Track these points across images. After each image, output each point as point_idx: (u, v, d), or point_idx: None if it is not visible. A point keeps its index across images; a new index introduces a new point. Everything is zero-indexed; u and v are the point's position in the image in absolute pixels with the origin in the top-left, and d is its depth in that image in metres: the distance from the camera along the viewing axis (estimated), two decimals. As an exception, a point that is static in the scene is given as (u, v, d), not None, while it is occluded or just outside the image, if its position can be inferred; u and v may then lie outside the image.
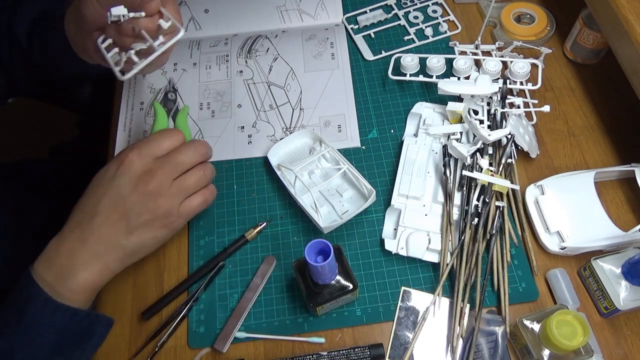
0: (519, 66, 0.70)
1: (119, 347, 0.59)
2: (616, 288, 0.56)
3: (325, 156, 0.69)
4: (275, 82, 0.78)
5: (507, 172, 0.66)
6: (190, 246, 0.65)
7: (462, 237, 0.61)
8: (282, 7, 0.86)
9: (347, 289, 0.55)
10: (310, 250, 0.51)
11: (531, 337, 0.53)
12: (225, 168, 0.71)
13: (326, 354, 0.56)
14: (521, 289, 0.60)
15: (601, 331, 0.58)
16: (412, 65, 0.74)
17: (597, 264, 0.58)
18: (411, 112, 0.72)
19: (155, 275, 0.64)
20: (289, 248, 0.65)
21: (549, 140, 0.71)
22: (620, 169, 0.66)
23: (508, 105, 0.68)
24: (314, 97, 0.76)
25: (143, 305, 0.61)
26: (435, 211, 0.64)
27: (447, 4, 0.86)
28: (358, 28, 0.84)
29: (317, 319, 0.60)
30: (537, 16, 0.81)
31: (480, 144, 0.64)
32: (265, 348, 0.59)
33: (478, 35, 0.78)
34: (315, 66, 0.79)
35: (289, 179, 0.67)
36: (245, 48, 0.82)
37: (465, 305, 0.58)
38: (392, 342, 0.58)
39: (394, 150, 0.71)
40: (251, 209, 0.68)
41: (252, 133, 0.74)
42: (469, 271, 0.59)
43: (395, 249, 0.62)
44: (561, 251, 0.61)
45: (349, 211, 0.65)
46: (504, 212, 0.63)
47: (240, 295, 0.61)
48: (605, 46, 0.73)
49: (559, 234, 0.61)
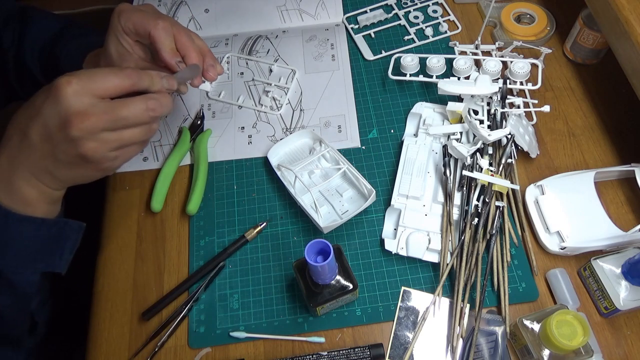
0: (519, 66, 0.70)
1: (119, 347, 0.59)
2: (616, 288, 0.56)
3: (325, 156, 0.69)
4: (275, 83, 0.78)
5: (507, 172, 0.66)
6: (190, 246, 0.65)
7: (462, 237, 0.61)
8: (282, 7, 0.86)
9: (347, 289, 0.55)
10: (310, 250, 0.51)
11: (531, 337, 0.53)
12: (225, 168, 0.71)
13: (326, 354, 0.56)
14: (521, 289, 0.60)
15: (601, 331, 0.58)
16: (412, 65, 0.74)
17: (597, 264, 0.58)
18: (411, 112, 0.72)
19: (155, 275, 0.64)
20: (289, 248, 0.65)
21: (549, 140, 0.71)
22: (620, 169, 0.65)
23: (508, 105, 0.68)
24: (314, 98, 0.76)
25: (143, 305, 0.62)
26: (435, 211, 0.64)
27: (447, 4, 0.86)
28: (358, 28, 0.84)
29: (317, 319, 0.60)
30: (537, 16, 0.81)
31: (480, 144, 0.64)
32: (265, 348, 0.59)
33: (478, 35, 0.78)
34: (315, 68, 0.79)
35: (289, 179, 0.67)
36: (246, 49, 0.82)
37: (465, 305, 0.58)
38: (392, 342, 0.58)
39: (394, 150, 0.71)
40: (251, 209, 0.68)
41: (252, 133, 0.74)
42: (469, 271, 0.59)
43: (395, 249, 0.62)
44: (561, 251, 0.61)
45: (348, 211, 0.65)
46: (504, 212, 0.63)
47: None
48: (605, 46, 0.73)
49: (559, 234, 0.61)
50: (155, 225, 0.67)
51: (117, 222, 0.68)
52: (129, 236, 0.66)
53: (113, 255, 0.65)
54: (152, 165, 0.72)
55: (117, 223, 0.67)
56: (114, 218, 0.68)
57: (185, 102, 0.77)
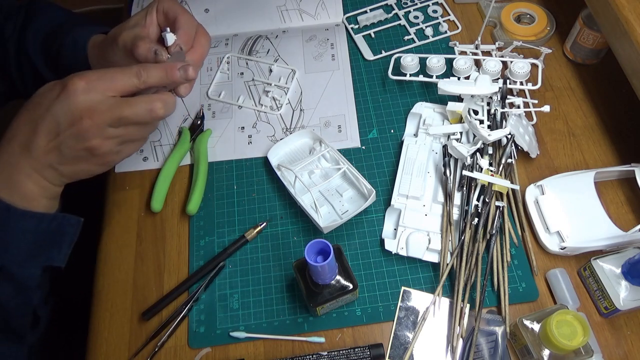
0: (519, 66, 0.70)
1: (119, 347, 0.59)
2: (616, 288, 0.56)
3: (325, 156, 0.69)
4: (275, 83, 0.78)
5: (507, 172, 0.66)
6: (190, 246, 0.65)
7: (462, 237, 0.61)
8: (282, 7, 0.86)
9: (347, 289, 0.55)
10: (310, 250, 0.51)
11: (531, 337, 0.53)
12: (225, 168, 0.71)
13: (326, 354, 0.56)
14: (521, 289, 0.60)
15: (601, 331, 0.58)
16: (412, 65, 0.74)
17: (597, 264, 0.58)
18: (411, 112, 0.72)
19: (155, 275, 0.64)
20: (289, 248, 0.65)
21: (549, 140, 0.71)
22: (620, 169, 0.66)
23: (508, 105, 0.68)
24: (314, 98, 0.76)
25: (143, 305, 0.62)
26: (435, 211, 0.64)
27: (447, 4, 0.86)
28: (358, 28, 0.84)
29: (317, 319, 0.60)
30: (537, 16, 0.81)
31: (480, 144, 0.64)
32: (265, 348, 0.59)
33: (478, 35, 0.78)
34: (315, 68, 0.79)
35: (289, 179, 0.67)
36: (246, 49, 0.82)
37: (465, 305, 0.58)
38: (392, 342, 0.58)
39: (394, 150, 0.71)
40: (251, 209, 0.68)
41: (252, 133, 0.74)
42: (469, 271, 0.59)
43: (395, 249, 0.62)
44: (561, 251, 0.61)
45: (348, 211, 0.65)
46: (504, 212, 0.63)
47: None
48: (605, 46, 0.73)
49: (559, 234, 0.61)
50: (155, 225, 0.67)
51: (117, 222, 0.68)
52: (129, 236, 0.66)
53: (113, 255, 0.65)
54: (152, 165, 0.72)
55: (117, 223, 0.68)
56: (114, 218, 0.68)
57: (185, 102, 0.77)
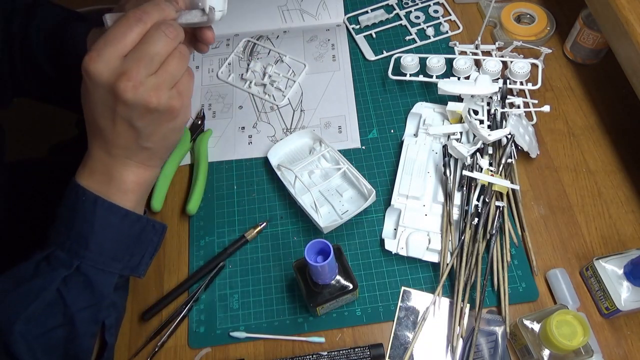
0: (519, 66, 0.70)
1: (119, 347, 0.59)
2: (618, 289, 0.56)
3: (325, 156, 0.69)
4: (276, 83, 0.78)
5: (507, 172, 0.66)
6: (190, 246, 0.65)
7: (462, 237, 0.61)
8: (283, 7, 0.86)
9: (347, 289, 0.55)
10: (310, 250, 0.51)
11: (531, 337, 0.53)
12: (225, 168, 0.71)
13: (326, 354, 0.56)
14: (521, 289, 0.60)
15: (601, 331, 0.58)
16: (412, 65, 0.74)
17: (599, 264, 0.58)
18: (411, 112, 0.72)
19: (155, 275, 0.64)
20: (289, 248, 0.65)
21: (549, 140, 0.71)
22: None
23: (508, 105, 0.68)
24: (314, 98, 0.76)
25: (143, 305, 0.61)
26: (435, 211, 0.64)
27: (448, 3, 0.86)
28: (359, 28, 0.84)
29: (317, 319, 0.60)
30: (537, 16, 0.81)
31: (480, 144, 0.64)
32: (265, 348, 0.59)
33: (478, 35, 0.78)
34: (316, 68, 0.79)
35: (289, 179, 0.67)
36: (247, 50, 0.82)
37: (465, 305, 0.58)
38: (392, 342, 0.58)
39: (394, 150, 0.71)
40: (251, 209, 0.68)
41: (253, 134, 0.74)
42: (469, 271, 0.59)
43: (395, 249, 0.62)
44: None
45: (348, 211, 0.65)
46: (504, 212, 0.63)
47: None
48: (605, 46, 0.73)
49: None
50: (156, 225, 0.67)
51: (117, 222, 0.68)
52: (129, 236, 0.66)
53: (113, 255, 0.65)
54: (152, 165, 0.72)
55: (117, 223, 0.67)
56: (114, 218, 0.68)
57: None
